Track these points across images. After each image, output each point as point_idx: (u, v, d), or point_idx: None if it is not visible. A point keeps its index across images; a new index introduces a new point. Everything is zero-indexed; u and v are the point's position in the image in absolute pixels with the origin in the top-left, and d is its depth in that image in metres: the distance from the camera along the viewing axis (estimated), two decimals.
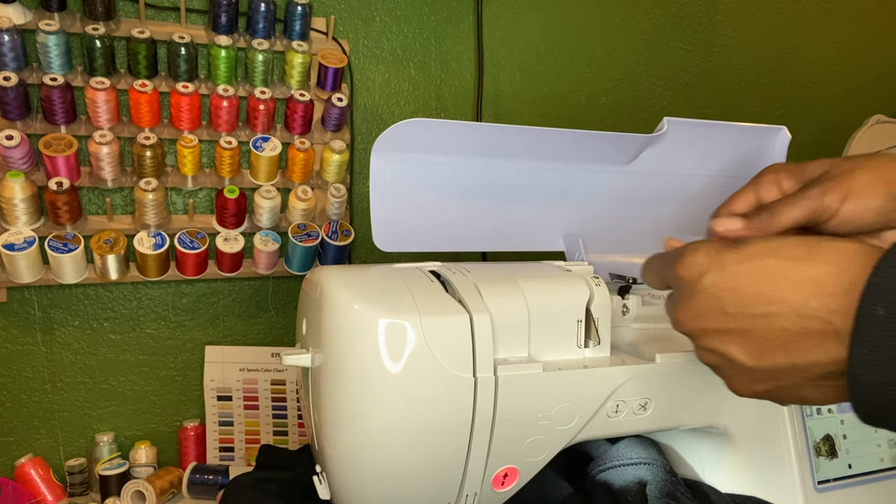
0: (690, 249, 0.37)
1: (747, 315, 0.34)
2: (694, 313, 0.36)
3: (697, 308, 0.35)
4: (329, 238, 0.82)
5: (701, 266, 0.36)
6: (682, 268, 0.37)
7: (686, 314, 0.36)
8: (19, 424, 0.83)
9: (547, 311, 0.47)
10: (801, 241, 0.34)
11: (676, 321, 0.37)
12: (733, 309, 0.34)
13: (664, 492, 0.54)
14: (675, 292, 0.38)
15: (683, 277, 0.36)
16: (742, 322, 0.34)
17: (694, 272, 0.36)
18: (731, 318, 0.34)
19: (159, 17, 0.79)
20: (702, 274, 0.35)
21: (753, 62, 1.12)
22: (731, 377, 0.37)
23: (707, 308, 0.35)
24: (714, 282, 0.35)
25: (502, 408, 0.44)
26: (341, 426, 0.44)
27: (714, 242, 0.37)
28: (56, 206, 0.72)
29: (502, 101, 0.97)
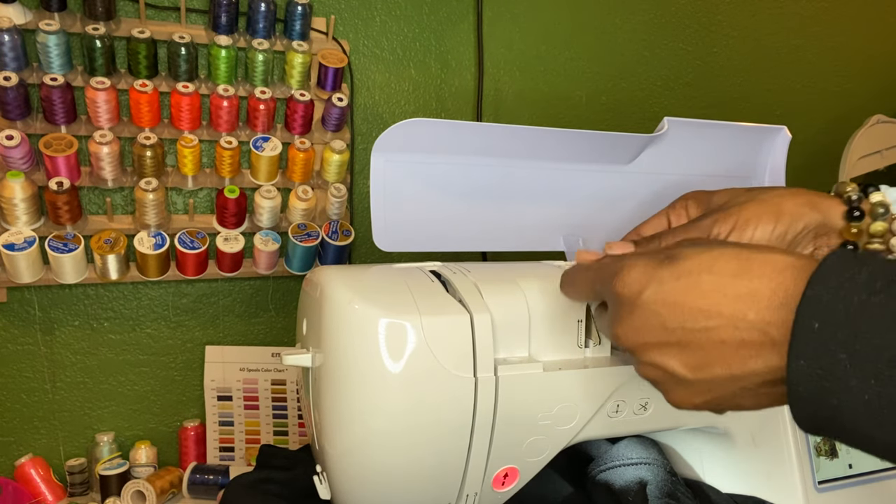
0: (627, 266, 0.37)
1: (687, 329, 0.34)
2: (634, 329, 0.36)
3: (637, 323, 0.36)
4: (329, 238, 0.82)
5: (639, 282, 0.36)
6: (620, 284, 0.37)
7: (626, 330, 0.37)
8: (19, 424, 0.83)
9: (547, 311, 0.47)
10: (734, 254, 0.35)
11: (616, 337, 0.38)
12: (673, 324, 0.35)
13: (664, 492, 0.55)
14: (613, 308, 0.38)
15: (622, 294, 0.37)
16: (682, 336, 0.35)
17: (632, 289, 0.36)
18: (671, 333, 0.35)
19: (159, 17, 0.79)
20: (640, 290, 0.36)
21: (753, 62, 1.12)
22: (671, 390, 0.37)
23: (647, 323, 0.36)
24: (653, 298, 0.35)
25: (503, 408, 0.44)
26: (341, 426, 0.44)
27: (648, 257, 0.37)
28: (56, 206, 0.72)
29: (502, 101, 0.97)
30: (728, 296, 0.33)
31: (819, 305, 0.29)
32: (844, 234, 0.47)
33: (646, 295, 0.36)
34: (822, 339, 0.29)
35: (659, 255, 0.37)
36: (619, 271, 0.37)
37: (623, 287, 0.37)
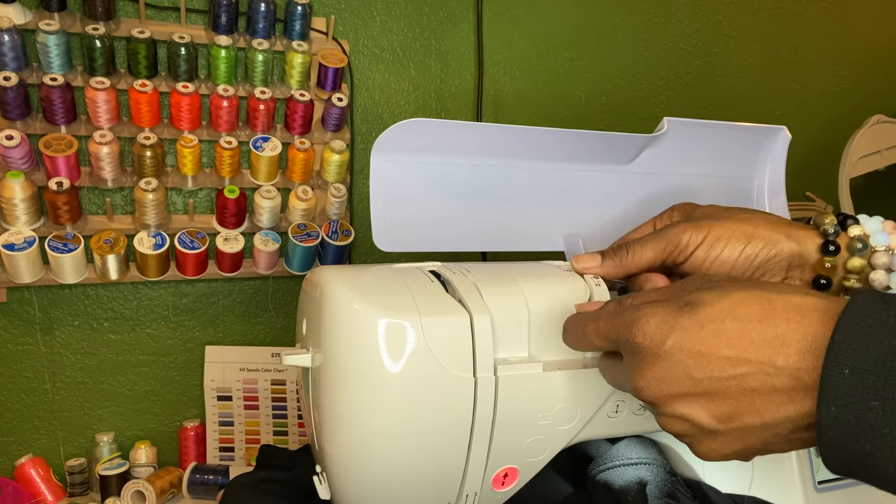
0: (645, 315, 0.36)
1: (715, 378, 0.33)
2: (658, 380, 0.35)
3: (661, 375, 0.35)
4: (329, 238, 0.82)
5: (660, 332, 0.35)
6: (639, 335, 0.36)
7: (649, 382, 0.35)
8: (19, 424, 0.83)
9: (547, 311, 0.47)
10: (756, 298, 0.34)
11: (638, 389, 0.36)
12: (700, 374, 0.34)
13: (664, 492, 0.55)
14: (632, 359, 0.37)
15: (642, 344, 0.36)
16: (710, 386, 0.34)
17: (654, 339, 0.35)
18: (699, 383, 0.34)
19: (159, 17, 0.79)
20: (662, 340, 0.35)
21: (753, 62, 1.12)
22: (699, 443, 0.36)
23: (672, 374, 0.34)
24: (677, 347, 0.34)
25: (502, 408, 0.44)
26: (341, 426, 0.44)
27: (665, 305, 0.36)
28: (56, 206, 0.72)
29: (502, 101, 0.97)
30: (755, 342, 0.32)
31: (849, 351, 0.29)
32: (818, 267, 0.46)
33: (669, 345, 0.34)
34: (853, 385, 0.29)
35: (677, 301, 0.36)
36: (637, 321, 0.36)
37: (643, 337, 0.36)
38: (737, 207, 0.49)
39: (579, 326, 0.42)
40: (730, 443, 0.35)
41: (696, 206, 0.51)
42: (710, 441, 0.35)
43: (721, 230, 0.46)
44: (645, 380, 0.36)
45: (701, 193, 0.65)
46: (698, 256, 0.46)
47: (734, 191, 0.65)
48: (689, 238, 0.46)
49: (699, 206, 0.51)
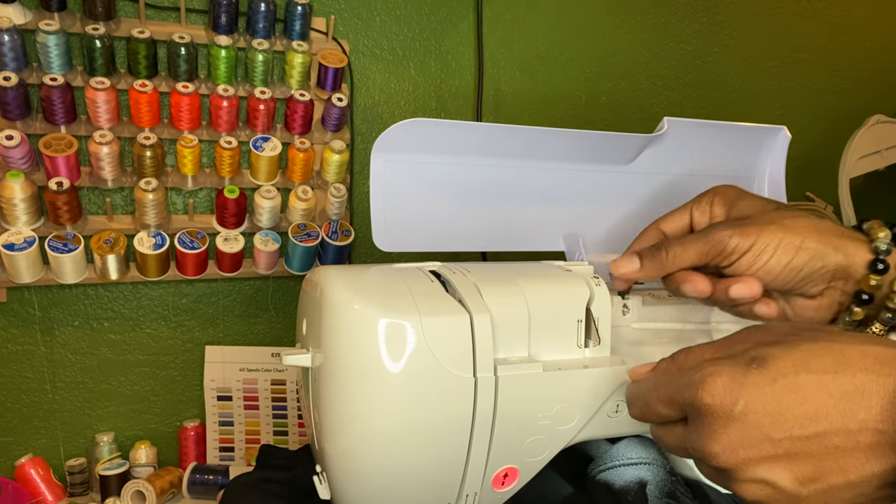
0: (711, 374, 0.34)
1: (795, 438, 0.31)
2: (734, 444, 0.33)
3: (737, 438, 0.32)
4: (329, 238, 0.82)
5: (730, 392, 0.33)
6: (707, 396, 0.33)
7: (725, 446, 0.33)
8: (19, 424, 0.83)
9: (547, 311, 0.47)
10: (827, 349, 0.32)
11: (713, 456, 0.33)
12: (778, 434, 0.32)
13: (664, 492, 0.54)
14: (701, 423, 0.34)
15: (711, 406, 0.33)
16: (790, 447, 0.32)
17: (724, 400, 0.33)
18: (778, 444, 0.32)
19: (159, 17, 0.79)
20: (735, 400, 0.33)
21: (753, 62, 1.12)
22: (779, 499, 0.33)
23: (749, 437, 0.32)
24: (751, 407, 0.32)
25: (502, 408, 0.44)
26: (341, 426, 0.44)
27: (731, 362, 0.34)
28: (56, 206, 0.72)
29: (502, 101, 0.97)
30: (833, 395, 0.31)
31: None
32: (863, 283, 0.44)
33: (742, 405, 0.32)
34: None
35: (743, 357, 0.34)
36: (703, 381, 0.34)
37: (712, 398, 0.33)
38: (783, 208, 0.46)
39: (642, 400, 0.40)
40: None
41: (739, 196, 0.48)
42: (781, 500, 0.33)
43: (769, 238, 0.44)
44: (720, 444, 0.33)
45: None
46: (743, 263, 0.44)
47: None
48: (735, 244, 0.44)
49: (742, 194, 0.48)
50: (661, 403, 0.38)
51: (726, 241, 0.44)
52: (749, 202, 0.48)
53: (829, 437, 0.31)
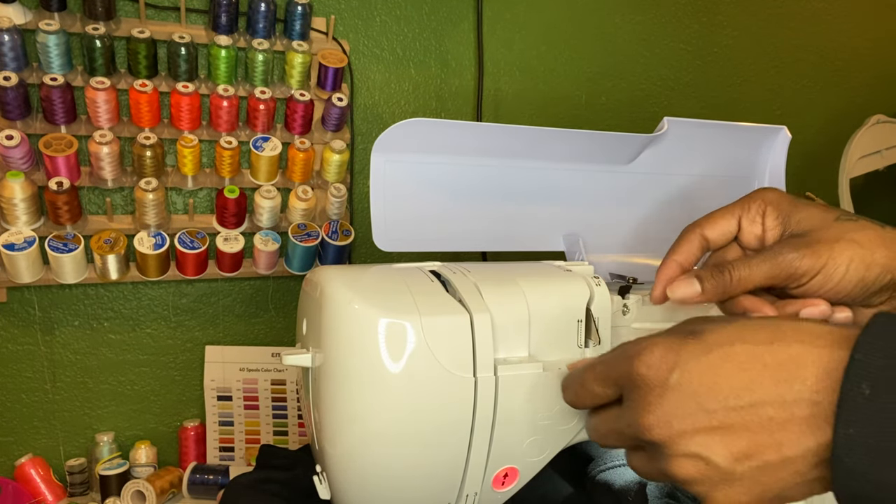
0: (646, 346, 0.34)
1: (730, 408, 0.31)
2: (668, 415, 0.32)
3: (672, 408, 0.32)
4: (329, 238, 0.82)
5: (666, 361, 0.32)
6: (643, 366, 0.33)
7: (659, 417, 0.32)
8: (19, 424, 0.83)
9: (547, 311, 0.47)
10: (760, 324, 0.32)
11: (648, 428, 0.33)
12: (713, 404, 0.31)
13: (664, 492, 0.55)
14: (637, 395, 0.34)
15: (647, 376, 0.33)
16: (725, 417, 0.31)
17: (660, 370, 0.32)
18: (713, 415, 0.31)
19: (159, 17, 0.79)
20: (670, 369, 0.32)
21: (753, 62, 1.12)
22: (713, 488, 0.32)
23: (684, 407, 0.32)
24: (686, 377, 0.32)
25: (502, 408, 0.44)
26: (341, 426, 0.44)
27: (667, 335, 0.34)
28: (56, 206, 0.72)
29: (502, 101, 0.97)
30: (768, 365, 0.30)
31: (870, 369, 0.27)
32: None
33: (677, 374, 0.32)
34: (875, 405, 0.27)
35: (680, 331, 0.34)
36: (639, 353, 0.34)
37: (647, 368, 0.33)
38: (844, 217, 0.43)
39: (577, 381, 0.39)
40: (746, 488, 0.32)
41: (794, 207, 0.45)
42: (726, 487, 0.32)
43: (840, 257, 0.41)
44: (655, 415, 0.32)
45: (701, 193, 0.65)
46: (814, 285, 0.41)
47: (734, 191, 0.65)
48: (807, 267, 0.41)
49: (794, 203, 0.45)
50: (596, 381, 0.37)
51: (797, 263, 0.41)
52: (806, 213, 0.44)
53: (764, 408, 0.30)
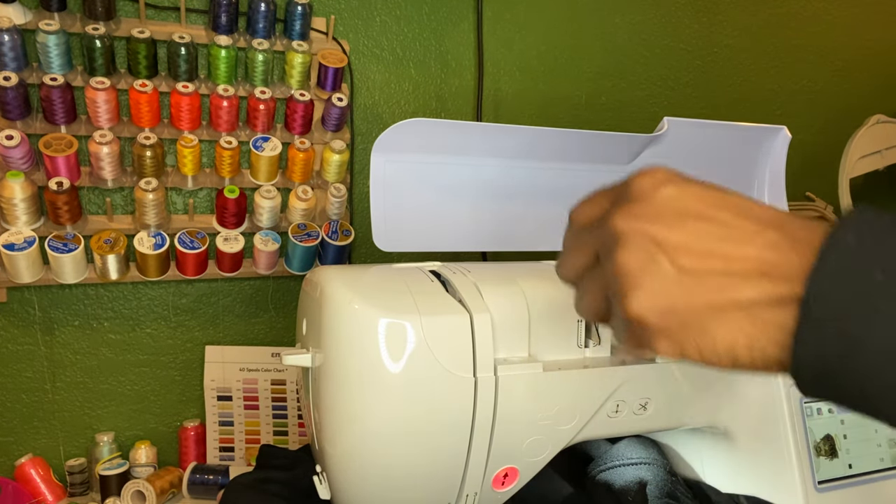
0: (650, 169, 0.32)
1: (709, 204, 0.30)
2: (641, 212, 0.30)
3: (649, 210, 0.30)
4: (329, 238, 0.82)
5: (664, 178, 0.31)
6: (643, 176, 0.32)
7: (630, 211, 0.31)
8: (19, 424, 0.83)
9: (547, 311, 0.47)
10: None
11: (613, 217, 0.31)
12: (693, 204, 0.30)
13: (664, 492, 0.55)
14: (622, 197, 0.32)
15: (641, 183, 0.31)
16: (702, 210, 0.30)
17: (655, 180, 0.31)
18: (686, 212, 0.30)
19: (159, 17, 0.79)
20: (664, 183, 0.31)
21: (753, 62, 1.12)
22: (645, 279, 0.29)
23: (661, 209, 0.30)
24: (675, 193, 0.30)
25: (502, 408, 0.44)
26: (341, 426, 0.44)
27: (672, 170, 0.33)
28: (56, 206, 0.72)
29: (502, 101, 0.97)
30: (763, 207, 0.30)
31: (857, 221, 0.26)
32: None
33: (668, 189, 0.30)
34: (857, 256, 0.25)
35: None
36: (641, 171, 0.32)
37: (645, 177, 0.31)
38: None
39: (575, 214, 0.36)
40: (679, 291, 0.29)
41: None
42: (655, 280, 0.29)
43: None
44: (628, 210, 0.31)
45: None
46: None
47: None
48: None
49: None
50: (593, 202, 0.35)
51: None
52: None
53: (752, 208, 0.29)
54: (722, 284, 0.28)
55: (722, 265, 0.28)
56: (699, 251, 0.29)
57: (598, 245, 0.33)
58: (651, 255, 0.29)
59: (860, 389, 0.26)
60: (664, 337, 0.30)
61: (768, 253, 0.28)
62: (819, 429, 0.57)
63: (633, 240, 0.30)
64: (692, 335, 0.29)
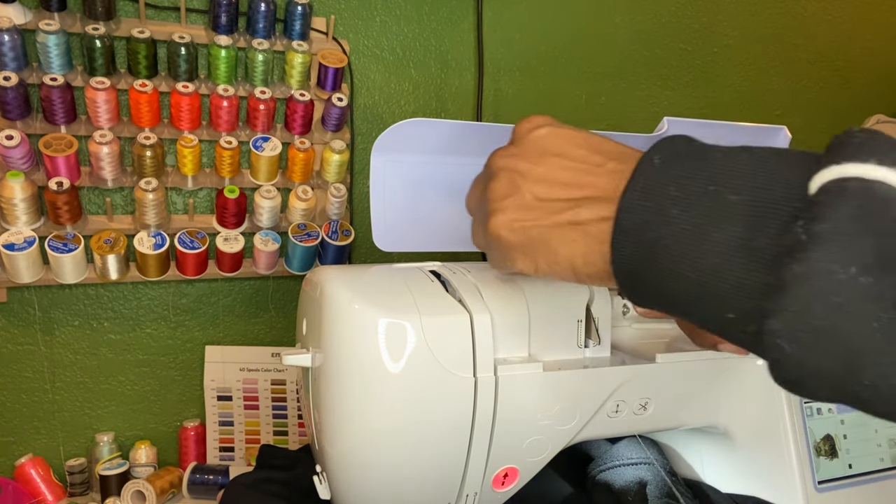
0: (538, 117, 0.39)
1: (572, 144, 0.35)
2: (513, 151, 0.37)
3: (519, 149, 0.37)
4: (329, 238, 0.82)
5: (539, 123, 0.37)
6: (523, 122, 0.38)
7: (507, 151, 0.37)
8: (19, 424, 0.83)
9: (547, 311, 0.47)
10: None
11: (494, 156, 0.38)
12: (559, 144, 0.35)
13: (664, 492, 0.55)
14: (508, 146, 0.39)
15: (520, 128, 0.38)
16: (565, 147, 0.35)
17: (531, 125, 0.37)
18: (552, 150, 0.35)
19: (159, 17, 0.79)
20: (538, 127, 0.37)
21: (753, 62, 1.12)
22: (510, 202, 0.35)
23: (529, 149, 0.36)
24: (544, 134, 0.36)
25: (502, 408, 0.44)
26: (341, 426, 0.44)
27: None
28: (56, 206, 0.72)
29: (502, 101, 0.97)
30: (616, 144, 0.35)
31: (663, 144, 0.31)
32: None
33: (541, 131, 0.37)
34: (659, 172, 0.30)
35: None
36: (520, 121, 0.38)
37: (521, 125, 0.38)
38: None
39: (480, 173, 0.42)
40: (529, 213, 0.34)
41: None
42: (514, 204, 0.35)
43: None
44: (506, 150, 0.37)
45: None
46: None
47: None
48: None
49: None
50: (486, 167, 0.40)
51: None
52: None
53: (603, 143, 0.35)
54: (566, 207, 0.33)
55: (568, 193, 0.34)
56: (552, 181, 0.34)
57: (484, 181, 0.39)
58: (514, 185, 0.35)
59: (655, 289, 0.30)
60: (520, 253, 0.35)
61: (604, 180, 0.33)
62: (819, 429, 0.57)
63: (502, 173, 0.37)
64: (541, 251, 0.34)
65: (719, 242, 0.27)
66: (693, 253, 0.27)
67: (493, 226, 0.36)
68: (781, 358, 0.24)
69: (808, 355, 0.24)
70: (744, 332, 0.26)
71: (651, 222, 0.29)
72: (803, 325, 0.23)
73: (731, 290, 0.26)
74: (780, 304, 0.24)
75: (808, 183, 0.25)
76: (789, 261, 0.24)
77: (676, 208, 0.28)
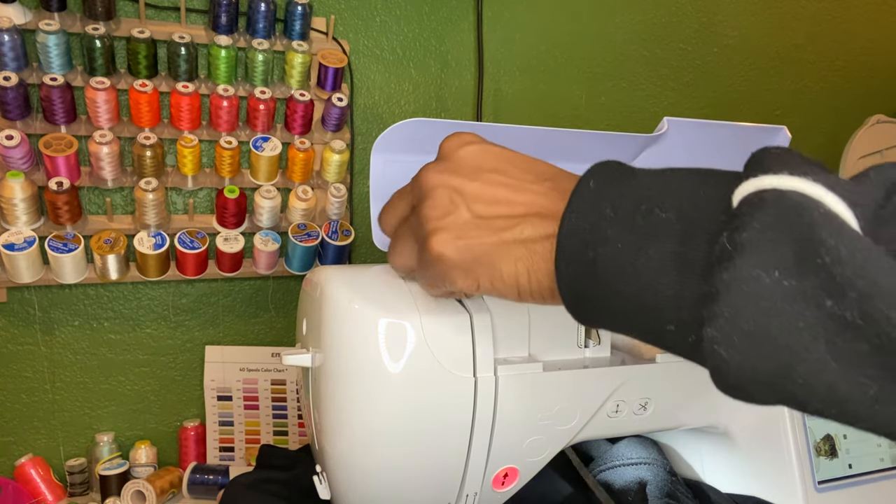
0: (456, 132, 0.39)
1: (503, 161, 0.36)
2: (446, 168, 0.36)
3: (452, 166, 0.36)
4: (329, 238, 0.82)
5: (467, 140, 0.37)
6: (450, 138, 0.38)
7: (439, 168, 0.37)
8: (19, 424, 0.83)
9: (547, 311, 0.47)
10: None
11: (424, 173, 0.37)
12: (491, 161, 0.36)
13: (664, 492, 0.55)
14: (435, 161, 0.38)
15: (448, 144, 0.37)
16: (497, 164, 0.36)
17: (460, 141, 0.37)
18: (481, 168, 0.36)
19: (159, 17, 0.79)
20: (466, 143, 0.37)
21: (753, 62, 1.12)
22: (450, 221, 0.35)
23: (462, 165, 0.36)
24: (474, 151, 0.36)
25: (502, 408, 0.44)
26: (341, 426, 0.44)
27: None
28: (56, 206, 0.72)
29: (502, 101, 0.97)
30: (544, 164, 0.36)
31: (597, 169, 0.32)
32: None
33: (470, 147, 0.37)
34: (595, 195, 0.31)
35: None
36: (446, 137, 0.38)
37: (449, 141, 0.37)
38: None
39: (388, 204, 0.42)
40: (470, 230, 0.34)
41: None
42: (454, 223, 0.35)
43: None
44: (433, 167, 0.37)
45: None
46: None
47: None
48: None
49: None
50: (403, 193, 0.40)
51: None
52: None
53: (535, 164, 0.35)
54: (507, 225, 0.33)
55: (507, 210, 0.34)
56: (490, 198, 0.34)
57: (413, 198, 0.38)
58: (452, 202, 0.35)
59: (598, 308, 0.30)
60: (462, 271, 0.35)
61: (541, 199, 0.33)
62: (819, 429, 0.57)
63: (437, 190, 0.36)
64: (484, 269, 0.34)
65: (654, 258, 0.28)
66: (630, 269, 0.28)
67: (435, 245, 0.35)
68: (721, 364, 0.25)
69: (743, 359, 0.24)
70: (685, 342, 0.27)
71: (589, 242, 0.30)
72: (736, 329, 0.24)
73: (669, 301, 0.27)
74: (714, 311, 0.25)
75: (731, 197, 0.27)
76: (719, 269, 0.25)
77: (612, 229, 0.29)
